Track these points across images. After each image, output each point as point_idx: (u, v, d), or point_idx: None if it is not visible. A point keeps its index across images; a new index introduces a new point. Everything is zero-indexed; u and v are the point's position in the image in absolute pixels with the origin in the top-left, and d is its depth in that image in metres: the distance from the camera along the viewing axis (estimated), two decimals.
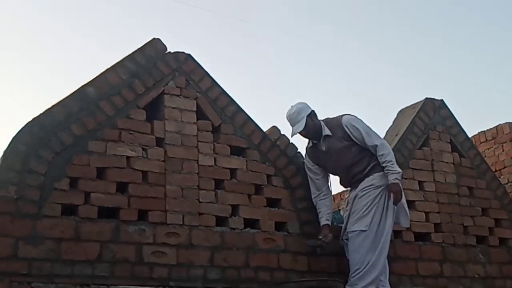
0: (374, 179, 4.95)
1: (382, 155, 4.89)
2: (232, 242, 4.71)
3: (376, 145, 4.92)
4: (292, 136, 5.08)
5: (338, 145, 5.02)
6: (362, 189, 4.95)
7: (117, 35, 16.88)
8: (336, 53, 18.83)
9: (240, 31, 18.27)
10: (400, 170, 4.90)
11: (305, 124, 4.96)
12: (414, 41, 19.53)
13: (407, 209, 5.10)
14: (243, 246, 4.75)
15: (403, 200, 5.01)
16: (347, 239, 4.96)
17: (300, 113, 4.98)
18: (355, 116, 5.05)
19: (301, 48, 15.23)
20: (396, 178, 4.83)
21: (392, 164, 4.87)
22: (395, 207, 4.91)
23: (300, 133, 5.02)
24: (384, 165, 4.89)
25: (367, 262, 4.78)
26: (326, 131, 5.04)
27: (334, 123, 5.05)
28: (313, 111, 5.05)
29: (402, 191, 4.93)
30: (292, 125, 5.01)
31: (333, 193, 5.52)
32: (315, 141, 5.12)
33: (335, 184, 5.39)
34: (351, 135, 4.98)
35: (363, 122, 5.03)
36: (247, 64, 18.33)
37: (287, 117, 5.04)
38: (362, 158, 5.00)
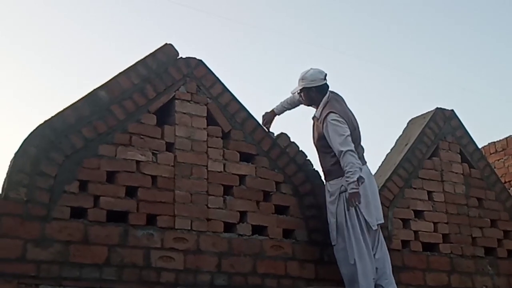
0: (330, 187, 5.01)
1: (343, 164, 4.86)
2: (239, 249, 4.71)
3: (340, 152, 4.87)
4: (292, 92, 5.33)
5: (318, 130, 5.12)
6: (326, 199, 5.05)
7: (129, 40, 16.94)
8: (347, 62, 18.85)
9: (253, 37, 18.30)
10: (355, 179, 4.78)
11: (299, 92, 5.23)
12: (426, 50, 19.51)
13: (379, 205, 5.06)
14: (251, 253, 4.75)
15: (373, 196, 5.00)
16: None
17: (303, 80, 5.16)
18: (336, 119, 4.95)
19: (313, 55, 15.24)
20: (353, 188, 4.78)
21: (350, 174, 4.80)
22: (358, 209, 4.86)
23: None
24: (345, 173, 4.86)
25: (352, 272, 4.79)
26: (316, 113, 5.16)
27: (326, 110, 5.05)
28: (316, 87, 5.13)
29: (360, 196, 4.82)
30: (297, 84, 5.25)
31: None
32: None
33: None
34: (324, 133, 5.02)
35: (338, 126, 4.93)
36: (258, 70, 18.35)
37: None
38: (328, 153, 5.03)
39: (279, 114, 5.46)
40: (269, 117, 5.41)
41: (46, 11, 15.79)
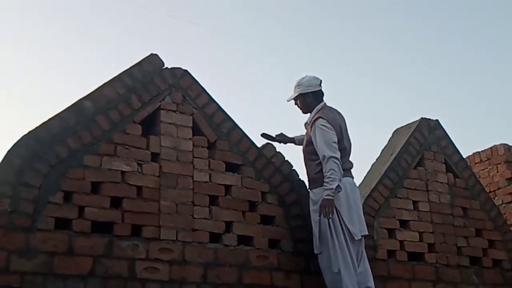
0: (314, 195, 4.98)
1: (325, 170, 4.85)
2: (225, 259, 4.70)
3: (323, 156, 4.87)
4: (288, 100, 5.31)
5: (307, 136, 5.14)
6: (310, 207, 5.03)
7: (115, 50, 16.92)
8: (332, 72, 18.89)
9: (239, 48, 18.33)
10: (333, 187, 4.75)
11: (295, 99, 5.24)
12: (410, 61, 19.64)
13: (362, 218, 5.04)
14: (236, 263, 4.74)
15: (356, 208, 4.97)
16: None
17: (299, 86, 5.20)
18: (324, 125, 4.96)
19: (299, 66, 15.30)
20: (328, 194, 4.76)
21: (329, 180, 4.78)
22: (340, 218, 4.84)
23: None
24: (324, 179, 4.84)
25: (336, 281, 4.77)
26: (308, 119, 5.19)
27: (316, 116, 5.05)
28: (312, 92, 5.16)
29: (333, 206, 4.77)
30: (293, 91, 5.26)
31: None
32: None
33: None
34: (312, 137, 5.03)
35: (326, 131, 4.94)
36: (244, 81, 18.37)
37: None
38: (314, 160, 5.02)
39: (296, 143, 5.45)
40: (286, 138, 5.45)
41: (32, 22, 15.75)
